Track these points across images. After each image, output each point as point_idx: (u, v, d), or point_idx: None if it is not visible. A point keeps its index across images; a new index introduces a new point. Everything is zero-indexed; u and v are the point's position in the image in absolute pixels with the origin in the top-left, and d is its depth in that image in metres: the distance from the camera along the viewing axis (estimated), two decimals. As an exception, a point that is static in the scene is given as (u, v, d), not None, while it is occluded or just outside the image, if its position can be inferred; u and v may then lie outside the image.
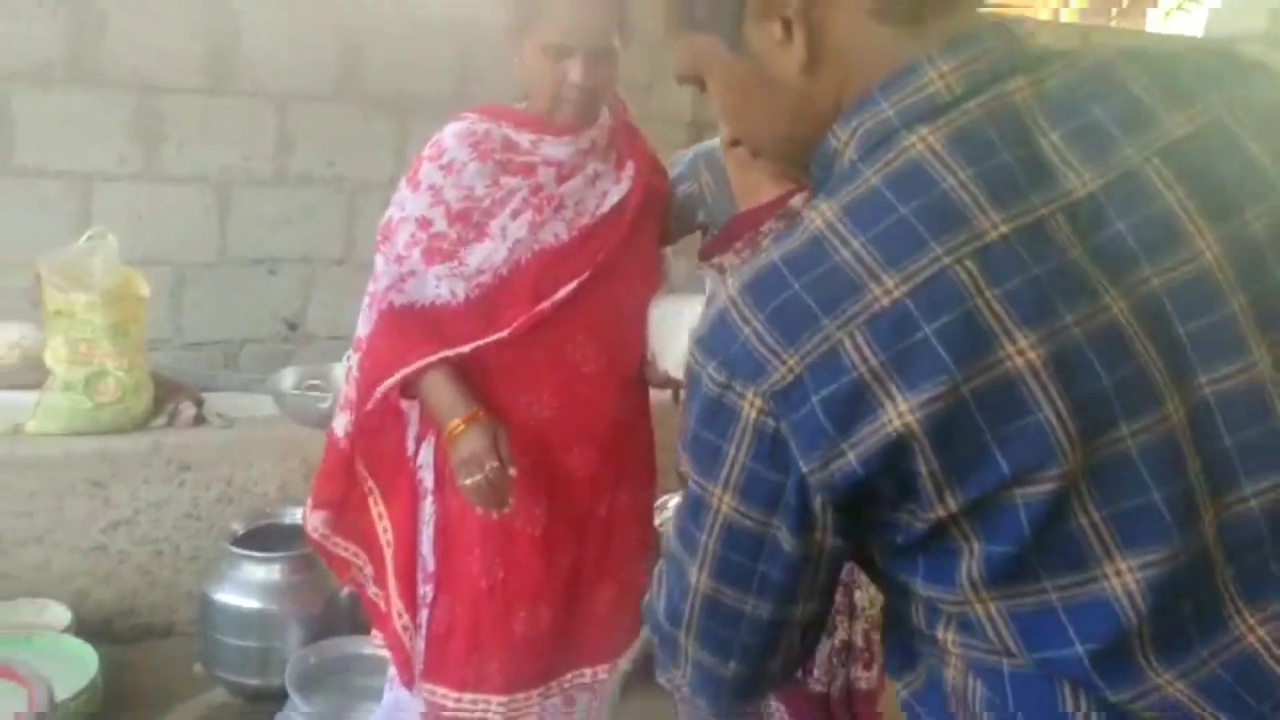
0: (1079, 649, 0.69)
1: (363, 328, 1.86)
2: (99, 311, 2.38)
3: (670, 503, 2.45)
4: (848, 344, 0.67)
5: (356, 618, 2.34)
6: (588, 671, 1.93)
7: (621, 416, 1.86)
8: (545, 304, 1.74)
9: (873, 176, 0.71)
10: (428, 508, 1.84)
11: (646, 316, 1.84)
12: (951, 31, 0.73)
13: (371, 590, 1.93)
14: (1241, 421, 0.69)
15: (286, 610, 2.34)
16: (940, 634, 0.76)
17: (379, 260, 1.80)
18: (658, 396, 1.97)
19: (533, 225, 1.74)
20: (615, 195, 1.81)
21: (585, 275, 1.76)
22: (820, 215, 0.72)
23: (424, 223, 1.74)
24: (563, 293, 1.75)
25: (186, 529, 2.60)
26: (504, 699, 1.82)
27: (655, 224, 1.90)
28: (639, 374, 1.87)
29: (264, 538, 2.45)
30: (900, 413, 0.66)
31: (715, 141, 1.94)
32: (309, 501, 1.93)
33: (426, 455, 1.83)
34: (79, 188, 2.91)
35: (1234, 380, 0.69)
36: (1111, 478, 0.67)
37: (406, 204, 1.76)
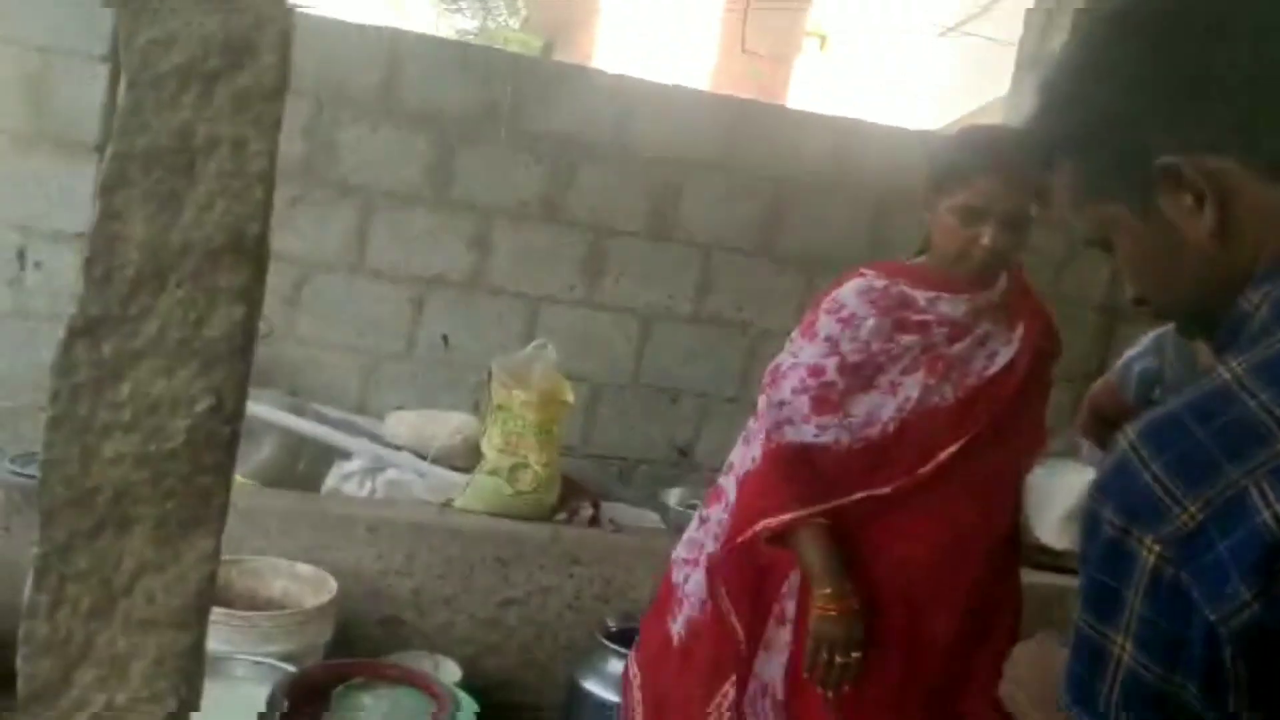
0: None
1: (738, 462, 2.02)
2: (532, 410, 2.75)
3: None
4: (1254, 492, 0.67)
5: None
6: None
7: (990, 577, 1.86)
8: (929, 465, 1.80)
9: None
10: (784, 635, 1.92)
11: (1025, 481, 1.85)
12: None
13: None
14: None
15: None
16: None
17: (761, 401, 1.95)
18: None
19: (924, 386, 1.83)
20: (1004, 357, 1.85)
21: (969, 436, 1.81)
22: (1229, 370, 0.73)
23: (816, 370, 1.85)
24: (945, 454, 1.80)
25: (566, 618, 2.86)
26: None
27: (1043, 387, 1.92)
28: (1013, 536, 1.87)
29: (632, 636, 2.65)
30: None
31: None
32: None
33: (793, 585, 1.92)
34: (531, 306, 3.39)
35: None
36: None
37: (802, 353, 1.88)
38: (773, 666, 1.92)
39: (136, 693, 1.25)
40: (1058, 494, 1.85)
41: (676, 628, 2.05)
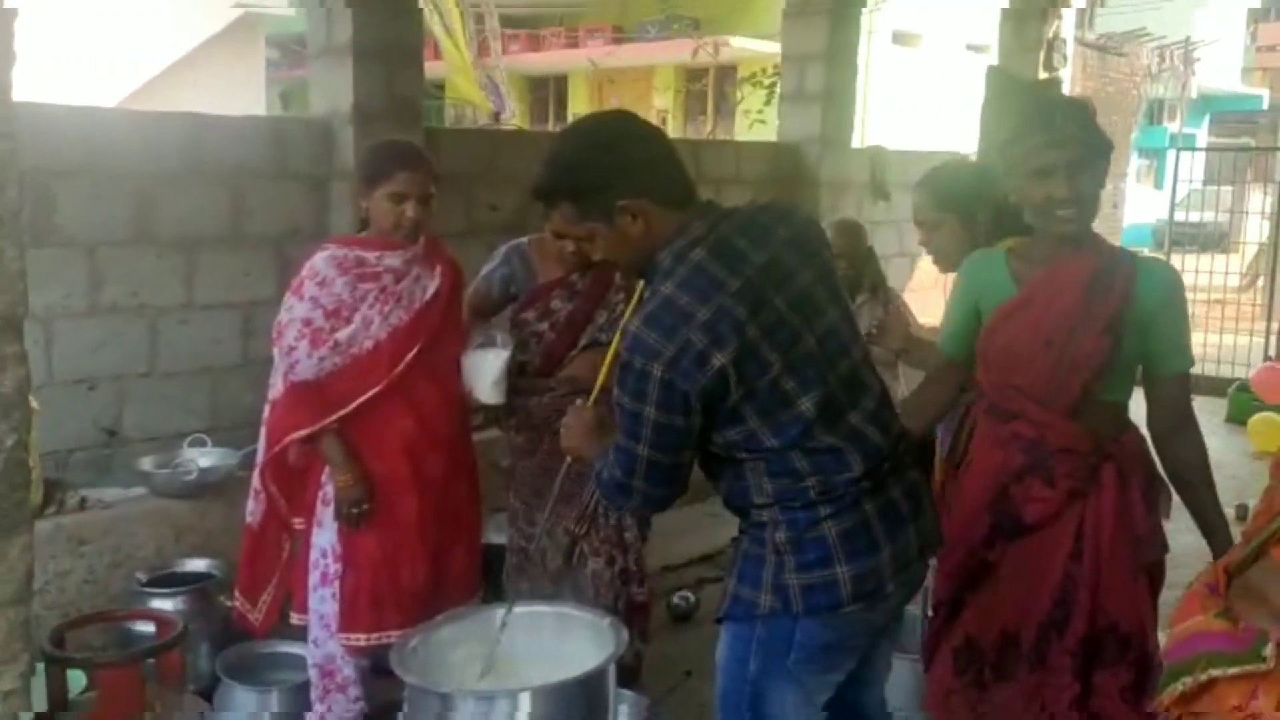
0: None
1: (270, 394, 2.75)
2: None
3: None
4: (693, 338, 1.71)
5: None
6: (451, 610, 2.86)
7: (456, 430, 2.87)
8: (401, 365, 2.71)
9: (680, 269, 1.78)
10: (330, 511, 2.74)
11: (460, 363, 2.86)
12: (696, 207, 1.86)
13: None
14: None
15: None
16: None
17: (275, 350, 2.69)
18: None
19: (384, 314, 2.72)
20: (432, 288, 2.80)
21: (422, 342, 2.76)
22: (665, 289, 1.77)
23: (307, 321, 2.64)
24: (410, 355, 2.73)
25: (87, 591, 3.22)
26: (399, 633, 2.72)
27: (459, 303, 2.93)
28: (462, 401, 2.88)
29: (166, 580, 3.16)
30: (720, 359, 1.72)
31: (519, 241, 3.06)
32: None
33: (328, 474, 2.74)
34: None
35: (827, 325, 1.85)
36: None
37: (294, 309, 2.65)
38: (327, 534, 2.74)
39: (-3, 660, 1.70)
40: (484, 368, 2.88)
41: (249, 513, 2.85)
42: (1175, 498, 2.27)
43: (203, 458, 3.58)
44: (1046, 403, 2.18)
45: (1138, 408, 2.28)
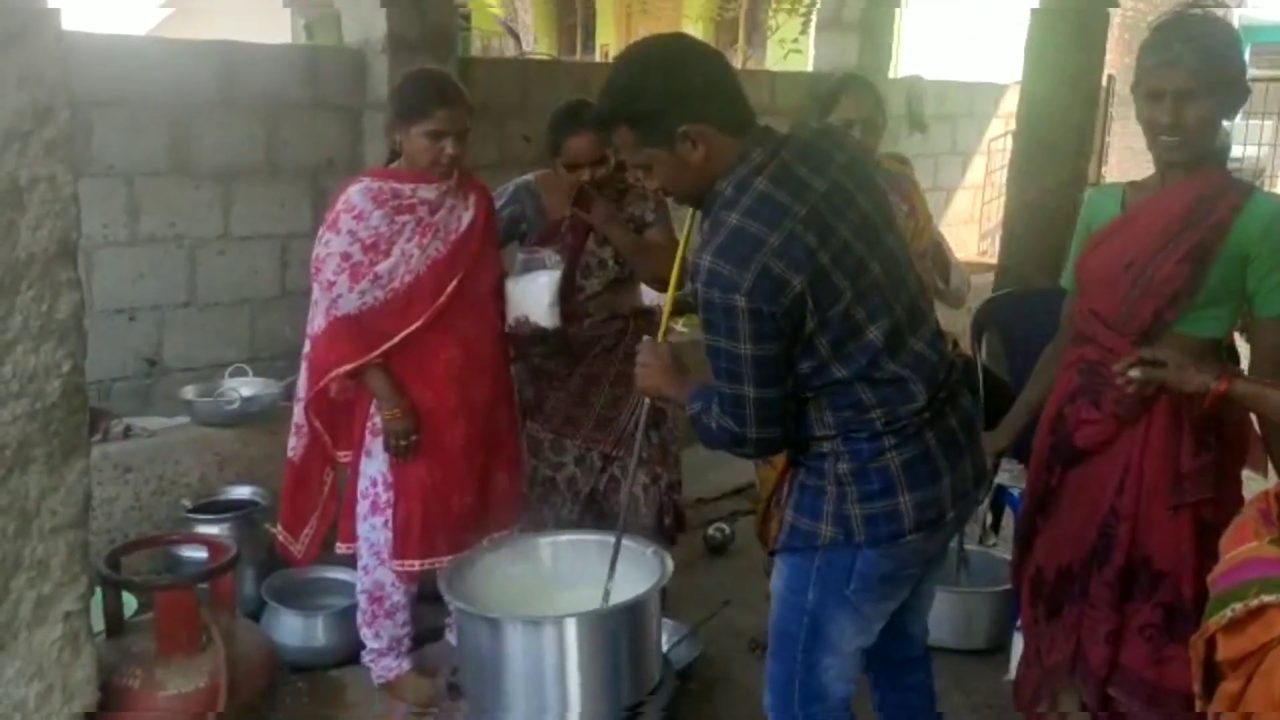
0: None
1: (308, 330, 2.75)
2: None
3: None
4: (768, 263, 1.66)
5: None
6: (496, 535, 2.90)
7: (499, 357, 2.88)
8: (442, 297, 2.70)
9: (744, 198, 1.74)
10: (379, 442, 2.75)
11: (506, 290, 2.84)
12: (754, 133, 1.81)
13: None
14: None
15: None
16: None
17: (315, 286, 2.69)
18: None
19: (422, 246, 2.70)
20: (468, 218, 2.78)
21: (463, 273, 2.75)
22: (732, 219, 1.73)
23: (345, 255, 2.63)
24: (451, 287, 2.72)
25: (134, 517, 3.27)
26: (450, 559, 2.75)
27: (494, 231, 2.90)
28: (501, 331, 2.87)
29: (209, 507, 3.21)
30: (798, 283, 1.69)
31: (526, 178, 3.01)
32: None
33: (377, 407, 2.74)
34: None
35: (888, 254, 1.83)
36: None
37: (331, 244, 2.63)
38: (376, 464, 2.76)
39: (58, 582, 1.76)
40: (536, 291, 2.86)
41: (290, 448, 2.86)
42: None
43: (244, 387, 3.61)
44: (1117, 327, 2.12)
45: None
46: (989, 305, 3.56)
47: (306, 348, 2.80)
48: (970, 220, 7.79)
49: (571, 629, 2.05)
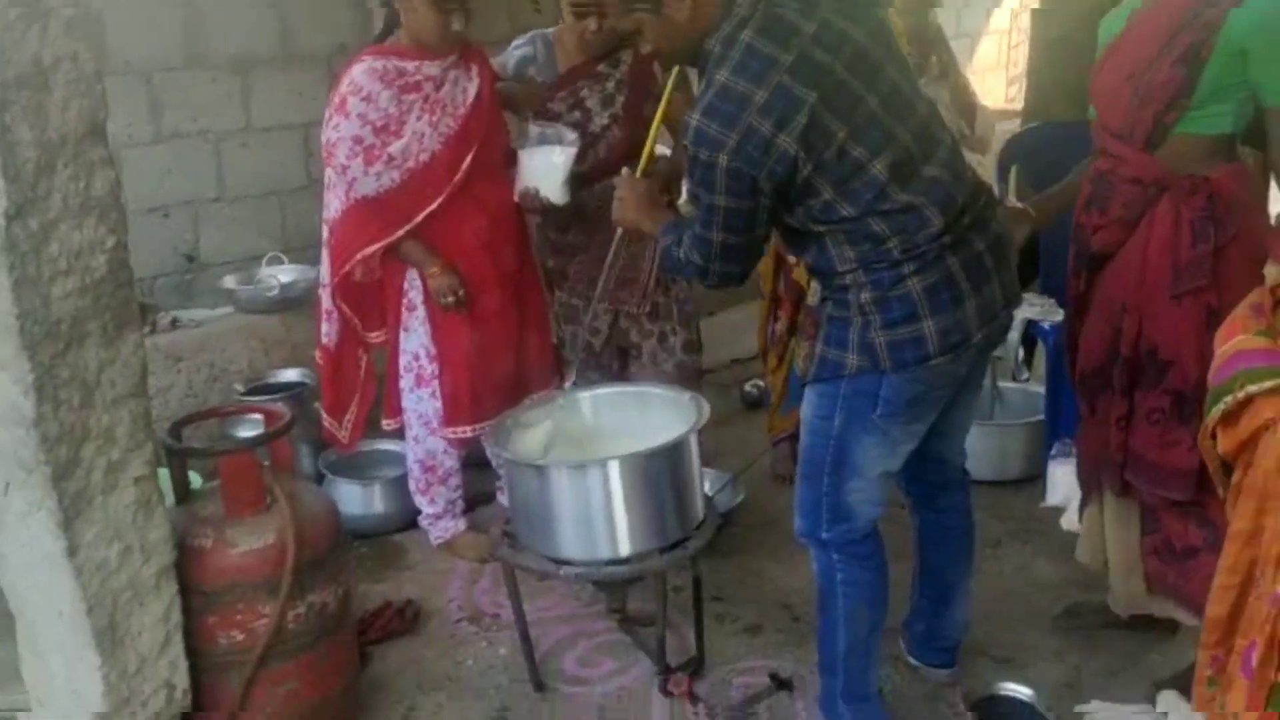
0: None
1: (325, 215, 2.78)
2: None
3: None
4: (753, 123, 1.71)
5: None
6: (536, 395, 2.97)
7: (519, 223, 2.91)
8: (460, 173, 2.71)
9: (731, 54, 1.74)
10: (418, 316, 2.81)
11: (519, 159, 2.84)
12: None
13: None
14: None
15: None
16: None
17: (328, 171, 2.70)
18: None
19: (433, 123, 2.69)
20: (473, 89, 2.77)
21: (477, 145, 2.75)
22: (720, 77, 1.75)
23: (357, 139, 2.63)
24: (468, 160, 2.73)
25: (189, 405, 3.39)
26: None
27: (499, 98, 2.87)
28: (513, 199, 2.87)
29: (262, 390, 3.31)
30: (784, 140, 1.72)
31: (545, 29, 2.99)
32: None
33: (411, 281, 2.80)
34: None
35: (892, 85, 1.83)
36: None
37: (340, 127, 2.62)
38: (416, 338, 2.83)
39: (125, 449, 1.85)
40: (550, 167, 2.85)
41: (324, 335, 2.92)
42: None
43: (281, 274, 3.68)
44: (1125, 137, 2.16)
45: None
46: (1014, 140, 3.52)
47: (325, 233, 2.83)
48: (997, 66, 7.59)
49: (615, 470, 2.13)
